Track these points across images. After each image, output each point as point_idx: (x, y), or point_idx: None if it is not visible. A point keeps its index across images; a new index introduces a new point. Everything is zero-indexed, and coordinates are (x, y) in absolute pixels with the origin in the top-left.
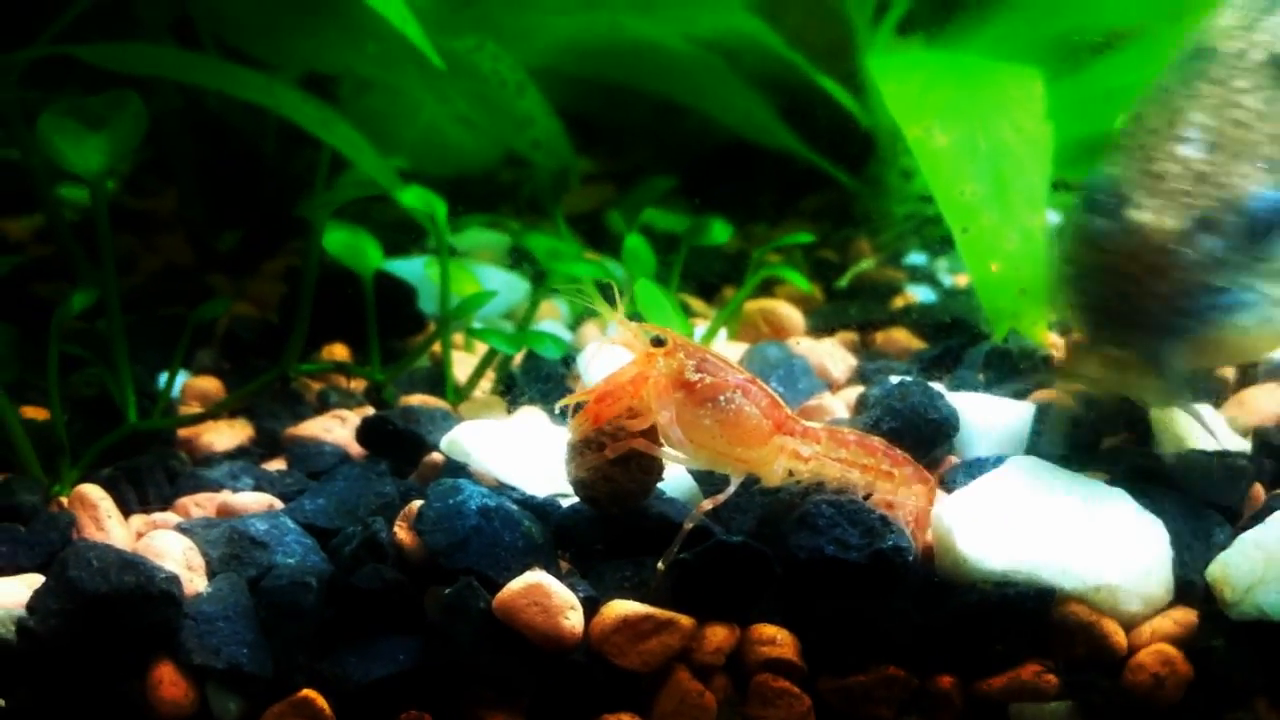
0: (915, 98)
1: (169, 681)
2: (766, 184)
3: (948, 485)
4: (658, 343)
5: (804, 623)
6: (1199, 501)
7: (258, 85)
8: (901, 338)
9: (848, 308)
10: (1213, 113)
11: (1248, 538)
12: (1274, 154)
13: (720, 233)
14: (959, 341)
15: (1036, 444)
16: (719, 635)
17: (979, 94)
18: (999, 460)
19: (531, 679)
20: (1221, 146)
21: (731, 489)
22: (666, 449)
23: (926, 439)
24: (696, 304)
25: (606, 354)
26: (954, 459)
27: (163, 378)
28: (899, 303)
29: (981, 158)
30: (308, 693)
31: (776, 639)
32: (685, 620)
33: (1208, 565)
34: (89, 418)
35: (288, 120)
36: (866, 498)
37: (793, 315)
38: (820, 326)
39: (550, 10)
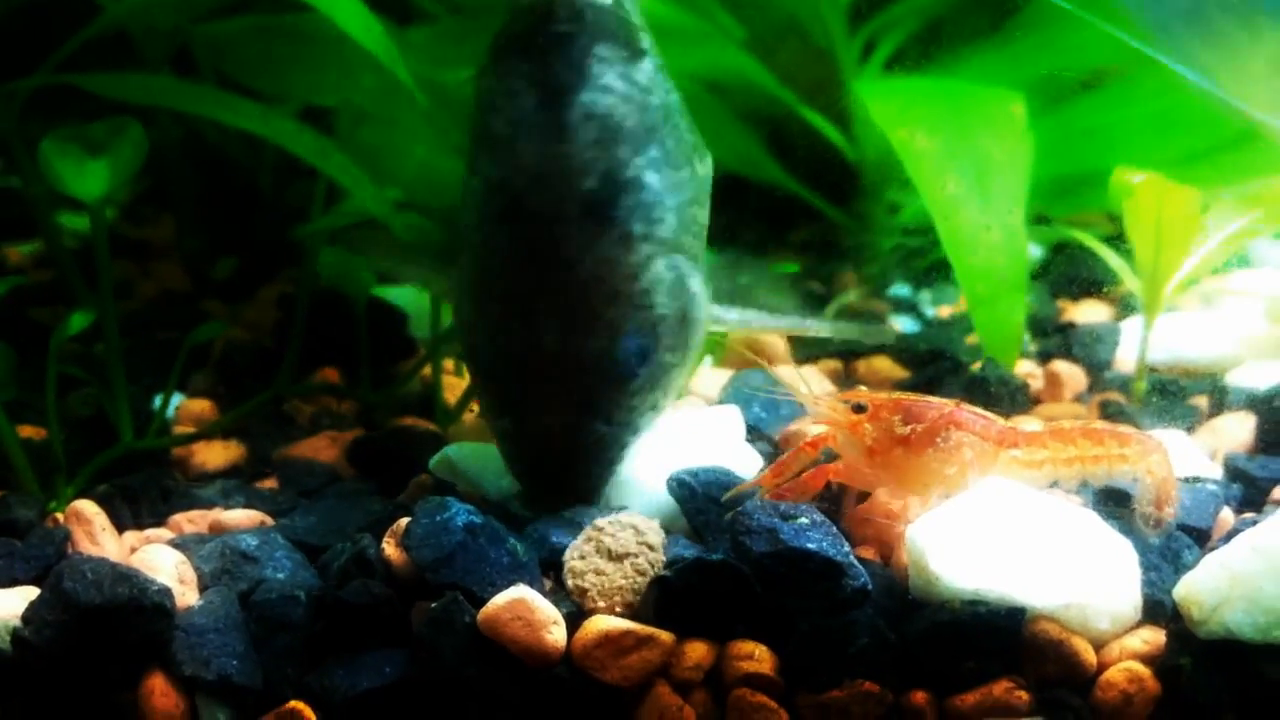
0: (901, 110)
1: (160, 692)
2: (755, 217)
3: None
4: (858, 409)
5: (781, 638)
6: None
7: (254, 115)
8: (884, 367)
9: (831, 337)
10: (554, 293)
11: (1214, 558)
12: (617, 310)
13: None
14: (939, 370)
15: None
16: (699, 651)
17: (961, 109)
18: None
19: (515, 692)
20: (571, 329)
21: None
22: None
23: None
24: None
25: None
26: None
27: (158, 399)
28: None
29: (963, 159)
30: (295, 704)
31: (755, 655)
32: (665, 636)
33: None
34: (85, 437)
35: (284, 154)
36: None
37: (776, 343)
38: (804, 355)
39: None
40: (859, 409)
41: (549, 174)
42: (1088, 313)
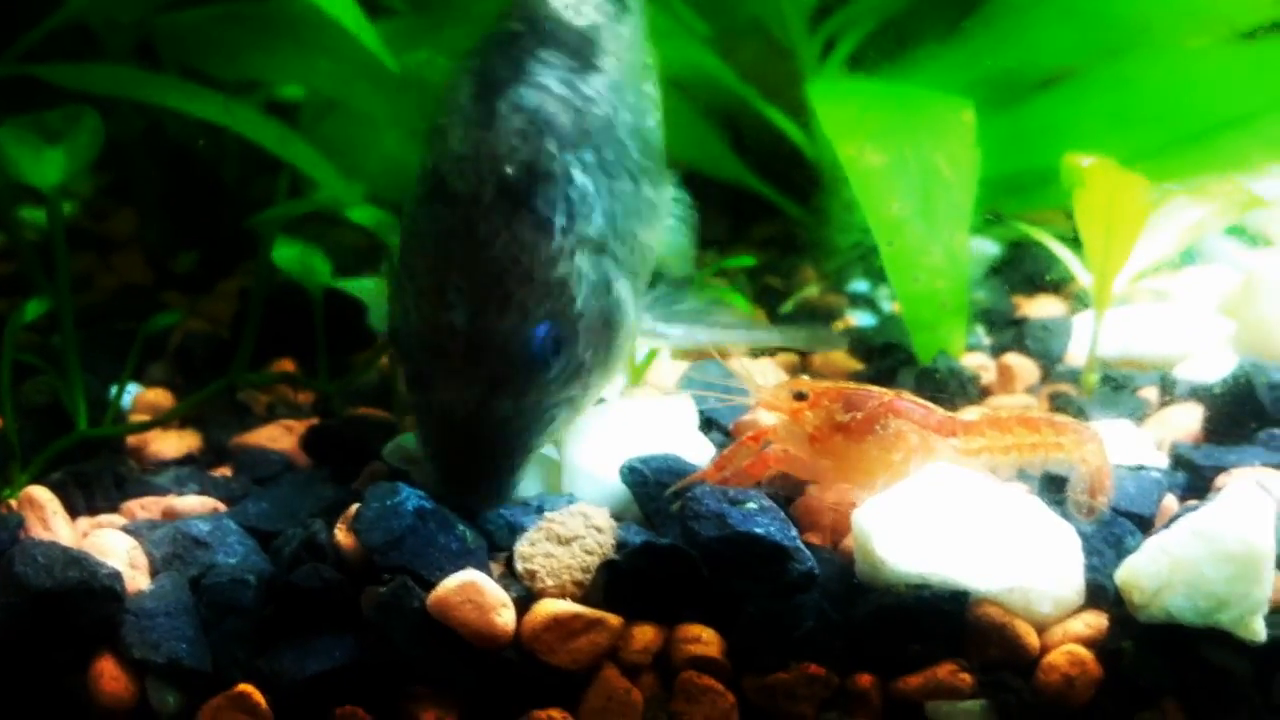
0: (850, 120)
1: (110, 675)
2: (717, 213)
3: None
4: (800, 397)
5: (728, 622)
6: (1112, 511)
7: (215, 104)
8: (839, 359)
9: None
10: (465, 270)
11: (1154, 542)
12: (529, 293)
13: None
14: (893, 362)
15: None
16: (647, 634)
17: (911, 119)
18: None
19: (465, 675)
20: (482, 307)
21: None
22: None
23: None
24: None
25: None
26: None
27: (114, 388)
28: (839, 326)
29: (910, 177)
30: (245, 687)
31: (702, 638)
32: (614, 619)
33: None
34: (41, 425)
35: (250, 149)
36: None
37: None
38: (761, 348)
39: None
40: (800, 396)
41: (471, 157)
42: (1043, 308)
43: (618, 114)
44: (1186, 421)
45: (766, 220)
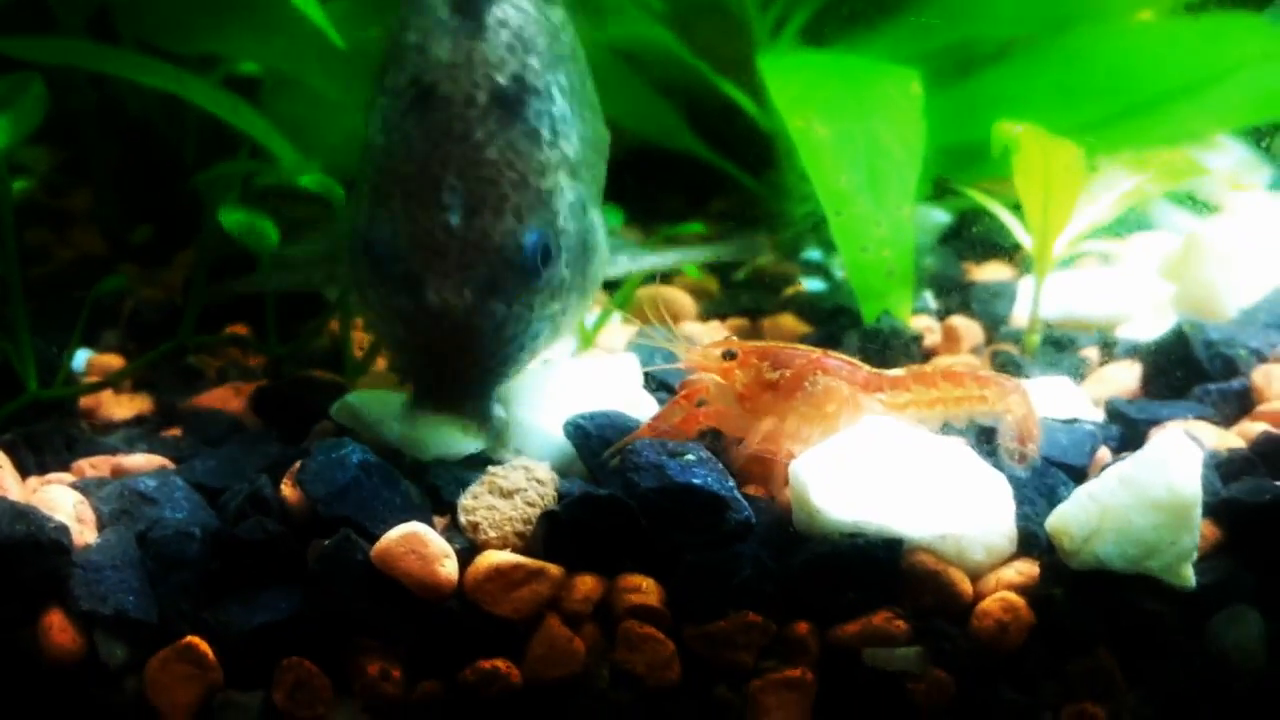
0: (800, 93)
1: (58, 628)
2: (673, 187)
3: None
4: (729, 356)
5: (668, 572)
6: (1045, 461)
7: (167, 75)
8: (788, 323)
9: (739, 296)
10: (460, 172)
11: (1083, 490)
12: (522, 197)
13: (611, 217)
14: (840, 325)
15: None
16: (587, 584)
17: (859, 92)
18: None
19: (409, 626)
20: (477, 208)
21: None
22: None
23: None
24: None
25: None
26: None
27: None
28: (790, 292)
29: (858, 150)
30: (191, 639)
31: (643, 587)
32: (555, 570)
33: None
34: None
35: (208, 126)
36: None
37: (683, 301)
38: (712, 312)
39: None
40: (729, 356)
41: (463, 64)
42: (991, 273)
43: (576, 45)
44: (1125, 379)
45: (722, 194)
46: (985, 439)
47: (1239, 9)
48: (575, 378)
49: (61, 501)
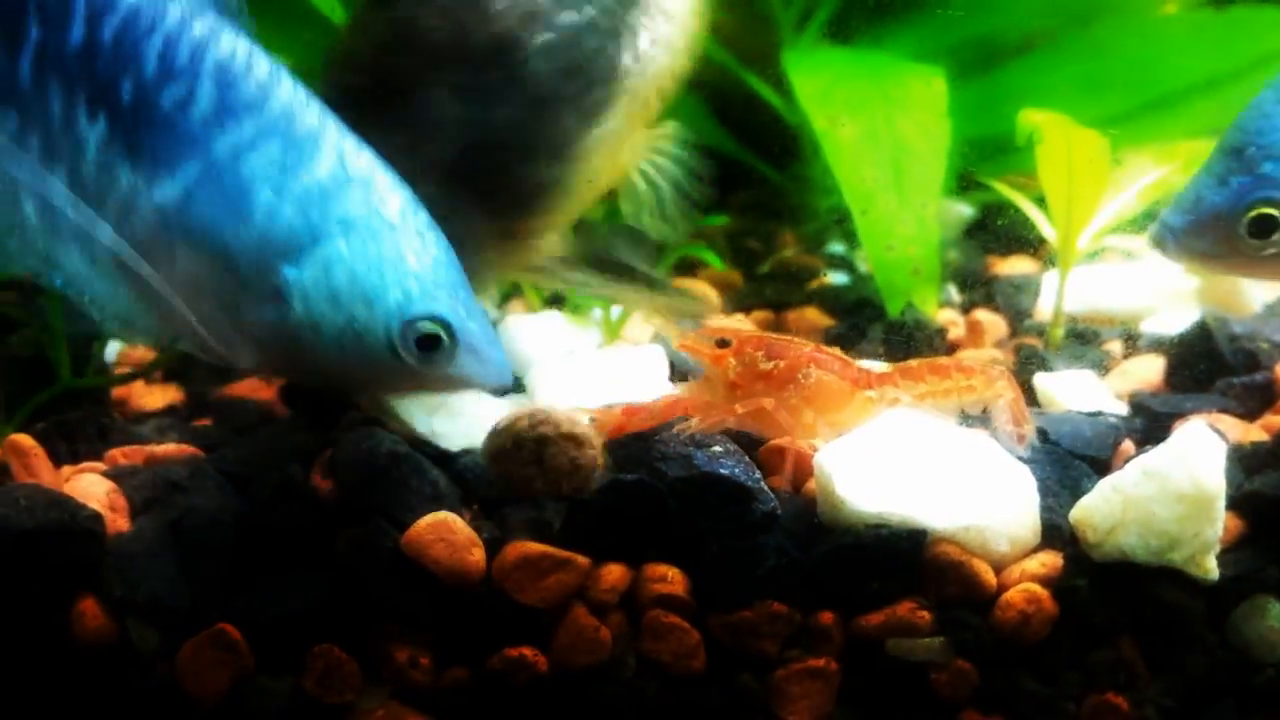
0: (824, 91)
1: (92, 614)
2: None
3: None
4: (723, 344)
5: (693, 561)
6: (1068, 454)
7: None
8: (813, 316)
9: (764, 289)
10: None
11: (1107, 482)
12: None
13: None
14: (864, 318)
15: None
16: (614, 574)
17: (884, 90)
18: None
19: (437, 614)
20: None
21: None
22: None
23: None
24: None
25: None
26: None
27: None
28: (814, 285)
29: (883, 148)
30: (223, 626)
31: (668, 577)
32: (582, 559)
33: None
34: (25, 377)
35: None
36: None
37: (709, 294)
38: (736, 305)
39: None
40: (723, 343)
41: None
42: (1015, 267)
43: None
44: (1148, 372)
45: (747, 187)
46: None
47: (1264, 2)
48: (601, 369)
49: (95, 490)
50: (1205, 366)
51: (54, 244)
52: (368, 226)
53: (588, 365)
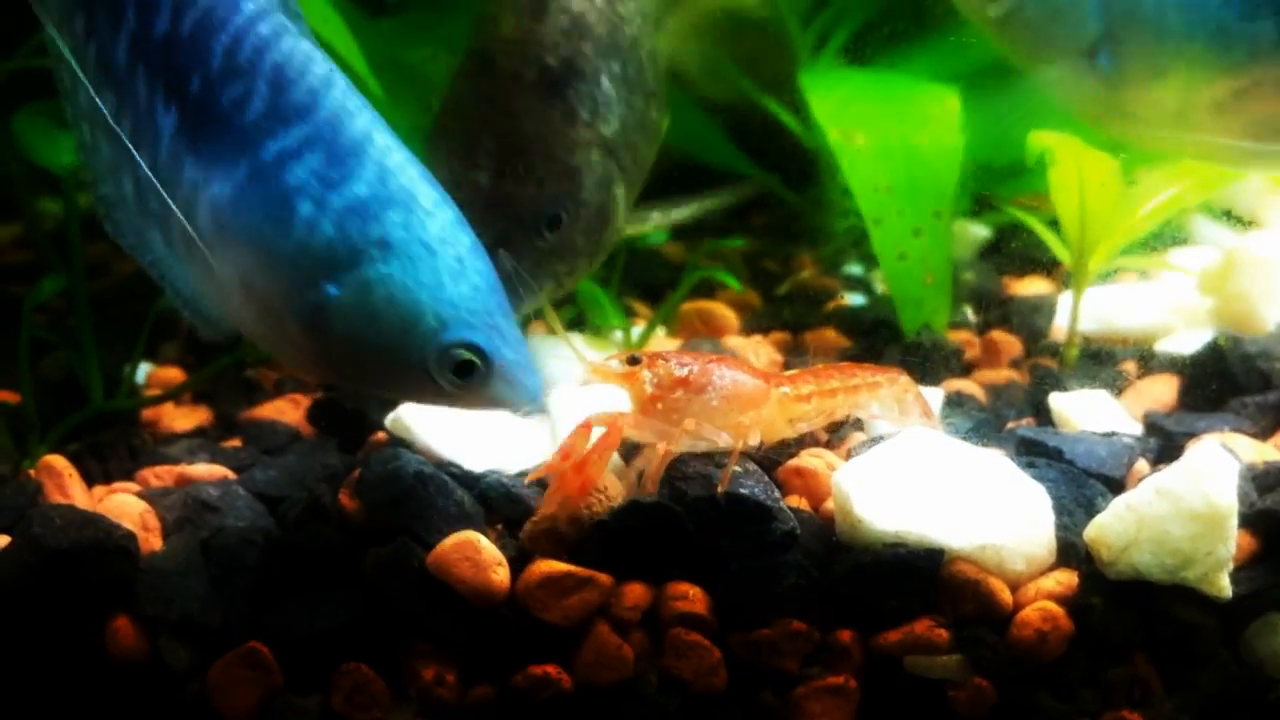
0: (839, 106)
1: (125, 632)
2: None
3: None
4: (634, 361)
5: (714, 580)
6: (1083, 473)
7: None
8: (830, 337)
9: (782, 310)
10: (498, 138)
11: (1121, 501)
12: (546, 172)
13: (657, 235)
14: (881, 339)
15: (947, 426)
16: (636, 592)
17: (898, 106)
18: None
19: (463, 632)
20: (505, 174)
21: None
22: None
23: None
24: (640, 307)
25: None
26: (861, 435)
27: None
28: (832, 307)
29: (896, 160)
30: (253, 644)
31: (690, 595)
32: (604, 578)
33: None
34: (58, 400)
35: None
36: None
37: (727, 315)
38: (754, 326)
39: None
40: (634, 361)
41: (519, 42)
42: (1031, 288)
43: (640, 37)
44: (1163, 392)
45: (764, 209)
46: (1023, 450)
47: None
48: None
49: (128, 509)
50: (1218, 386)
51: (144, 223)
52: (406, 250)
53: (608, 387)
